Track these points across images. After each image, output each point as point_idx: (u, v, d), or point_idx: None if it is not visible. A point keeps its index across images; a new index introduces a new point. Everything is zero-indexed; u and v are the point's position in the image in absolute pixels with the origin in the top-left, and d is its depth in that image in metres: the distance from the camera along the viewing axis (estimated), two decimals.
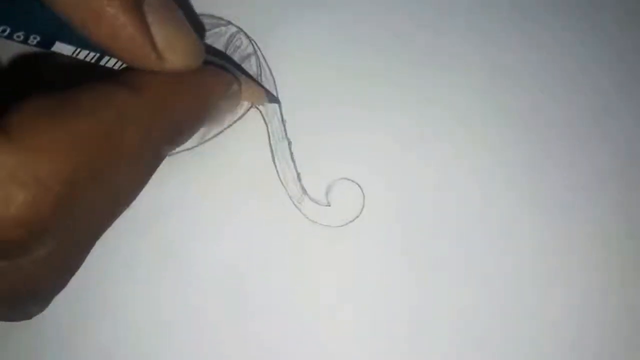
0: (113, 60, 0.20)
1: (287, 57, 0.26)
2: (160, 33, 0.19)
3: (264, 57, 0.26)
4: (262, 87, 0.25)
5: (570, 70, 0.26)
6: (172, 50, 0.19)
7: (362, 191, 0.25)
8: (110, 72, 0.20)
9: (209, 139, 0.25)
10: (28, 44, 0.19)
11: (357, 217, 0.25)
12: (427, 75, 0.26)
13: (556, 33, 0.26)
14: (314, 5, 0.26)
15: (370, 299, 0.25)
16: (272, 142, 0.25)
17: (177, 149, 0.25)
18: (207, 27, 0.25)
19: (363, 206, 0.25)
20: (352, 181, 0.25)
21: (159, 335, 0.25)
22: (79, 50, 0.19)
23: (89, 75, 0.19)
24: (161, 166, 0.25)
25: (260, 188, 0.25)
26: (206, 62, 0.21)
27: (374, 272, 0.25)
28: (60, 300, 0.21)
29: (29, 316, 0.21)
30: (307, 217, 0.25)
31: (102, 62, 0.20)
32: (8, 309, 0.19)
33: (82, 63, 0.20)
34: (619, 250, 0.25)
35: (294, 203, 0.25)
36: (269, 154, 0.25)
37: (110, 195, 0.18)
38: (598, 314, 0.25)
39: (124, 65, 0.20)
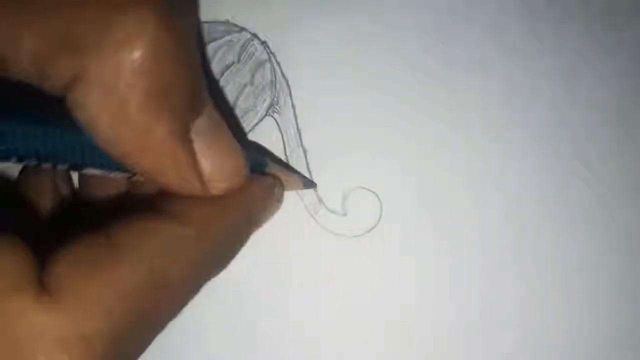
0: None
1: (303, 64, 0.25)
2: (207, 162, 0.17)
3: (278, 64, 0.25)
4: (299, 173, 0.24)
5: (592, 79, 0.25)
6: (218, 178, 0.18)
7: (379, 200, 0.25)
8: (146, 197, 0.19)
9: None
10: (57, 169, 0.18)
11: (375, 227, 0.25)
12: (445, 82, 0.25)
13: (578, 41, 0.25)
14: (328, 11, 0.25)
15: (387, 311, 0.25)
16: (287, 150, 0.25)
17: None
18: (220, 34, 0.25)
19: (380, 216, 0.25)
20: (369, 190, 0.25)
21: (168, 339, 0.25)
22: (108, 172, 0.18)
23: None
24: None
25: None
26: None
27: (391, 283, 0.25)
28: None
29: None
30: (323, 227, 0.25)
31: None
32: None
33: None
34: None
35: (309, 213, 0.25)
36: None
37: (154, 331, 0.17)
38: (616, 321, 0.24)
39: None
